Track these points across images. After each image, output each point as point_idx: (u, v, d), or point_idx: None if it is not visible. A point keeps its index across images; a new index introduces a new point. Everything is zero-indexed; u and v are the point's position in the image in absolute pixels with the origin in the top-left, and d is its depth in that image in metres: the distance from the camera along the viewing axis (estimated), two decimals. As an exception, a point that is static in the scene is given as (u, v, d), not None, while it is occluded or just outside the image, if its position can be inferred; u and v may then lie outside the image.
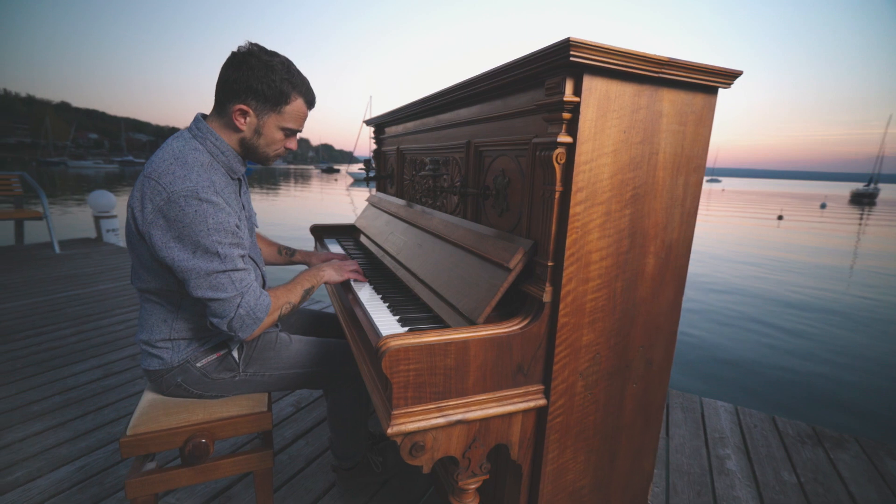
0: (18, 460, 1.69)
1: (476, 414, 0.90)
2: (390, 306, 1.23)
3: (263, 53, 1.05)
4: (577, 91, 0.83)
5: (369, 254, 1.88)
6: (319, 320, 1.63)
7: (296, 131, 1.16)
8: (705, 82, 0.92)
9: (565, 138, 0.85)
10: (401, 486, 1.63)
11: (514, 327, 0.92)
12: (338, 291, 1.52)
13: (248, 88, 1.04)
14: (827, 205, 34.71)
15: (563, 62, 0.79)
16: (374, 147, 2.30)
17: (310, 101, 1.15)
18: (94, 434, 1.86)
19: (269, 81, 1.04)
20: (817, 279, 8.11)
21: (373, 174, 2.27)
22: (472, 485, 0.98)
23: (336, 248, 1.96)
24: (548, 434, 1.00)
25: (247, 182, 1.30)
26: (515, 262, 0.95)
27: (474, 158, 1.25)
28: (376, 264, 1.70)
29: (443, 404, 0.88)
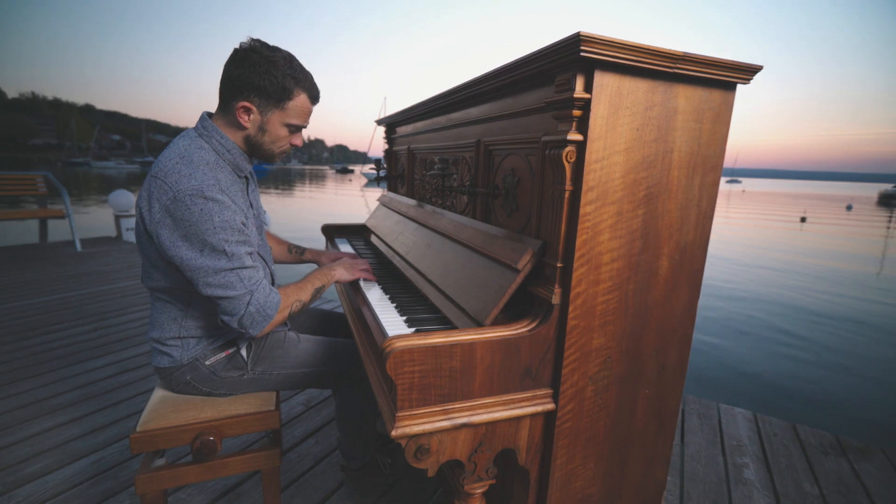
0: (37, 453, 1.73)
1: (482, 417, 0.89)
2: (398, 307, 1.22)
3: (265, 49, 1.04)
4: (588, 87, 0.81)
5: (379, 254, 1.87)
6: (328, 320, 1.63)
7: (300, 127, 1.15)
8: (723, 78, 0.88)
9: (575, 136, 0.83)
10: (409, 487, 1.62)
11: (522, 329, 0.90)
12: (347, 291, 1.52)
13: (251, 85, 1.03)
14: (853, 206, 33.57)
15: (574, 57, 0.77)
16: (386, 147, 2.29)
17: (313, 96, 1.14)
18: (108, 429, 1.90)
19: (270, 77, 1.03)
20: (842, 285, 7.79)
21: (383, 174, 2.27)
22: (478, 489, 0.97)
23: (347, 248, 1.96)
24: (556, 439, 0.98)
25: (255, 180, 1.30)
26: (524, 263, 0.93)
27: (484, 157, 1.24)
28: (386, 264, 1.70)
29: (448, 407, 0.86)
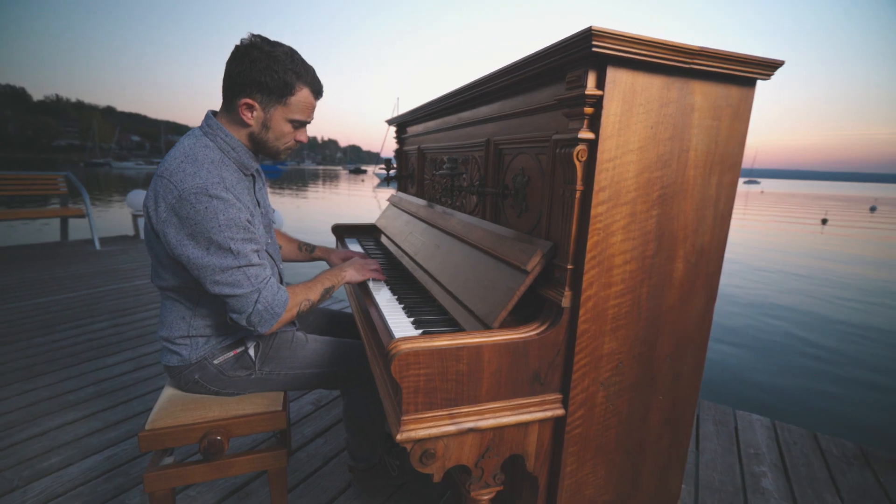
0: (54, 447, 1.76)
1: (489, 422, 0.87)
2: (406, 308, 1.21)
3: (266, 44, 1.03)
4: (601, 84, 0.78)
5: (389, 254, 1.86)
6: (337, 320, 1.63)
7: (304, 123, 1.14)
8: (742, 73, 0.85)
9: (587, 134, 0.80)
10: (417, 489, 1.61)
11: (530, 333, 0.88)
12: (355, 291, 1.51)
13: (252, 81, 1.02)
14: (877, 208, 32.54)
15: (585, 53, 0.74)
16: (396, 147, 2.29)
17: (316, 90, 1.13)
18: (122, 425, 1.92)
19: (272, 73, 1.02)
20: (866, 292, 7.44)
21: (392, 174, 2.26)
22: (485, 496, 0.95)
23: (356, 248, 1.96)
24: (566, 446, 0.95)
25: (263, 179, 1.30)
26: (533, 265, 0.91)
27: (494, 157, 1.22)
28: (395, 265, 1.69)
29: (454, 411, 0.85)
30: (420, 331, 1.05)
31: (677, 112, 0.85)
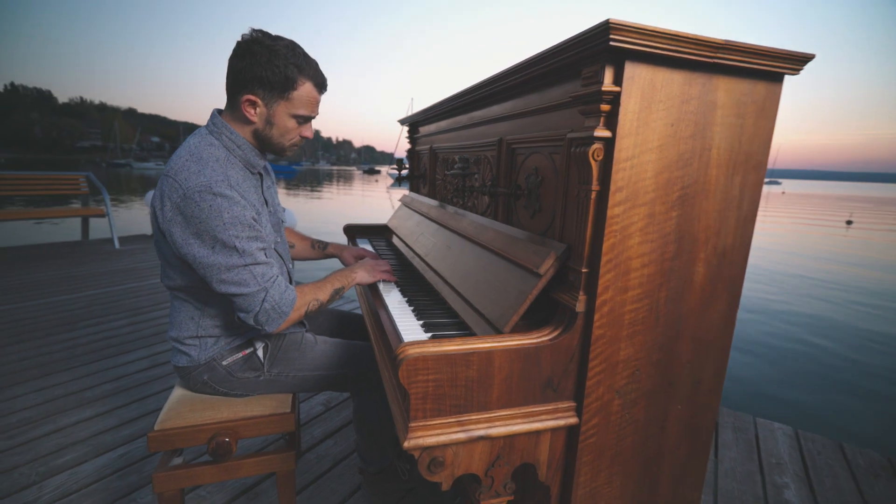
0: (69, 444, 1.78)
1: (500, 430, 0.84)
2: (415, 310, 1.19)
3: (267, 39, 1.02)
4: (618, 80, 0.75)
5: (400, 255, 1.85)
6: (347, 321, 1.62)
7: (309, 118, 1.12)
8: (769, 68, 0.81)
9: (603, 132, 0.77)
10: (427, 494, 1.58)
11: (543, 338, 0.85)
12: (365, 292, 1.50)
13: (254, 77, 1.01)
14: None
15: (603, 47, 0.71)
16: (409, 147, 2.27)
17: (319, 84, 1.10)
18: (136, 423, 1.94)
19: (273, 67, 1.00)
20: (890, 298, 7.21)
21: (404, 174, 2.24)
22: (495, 505, 0.92)
23: (367, 249, 1.95)
24: (579, 455, 0.92)
25: (272, 177, 1.29)
26: (546, 268, 0.88)
27: (506, 156, 1.19)
28: (406, 266, 1.67)
29: (464, 418, 0.82)
30: (429, 334, 1.02)
31: (699, 109, 0.81)
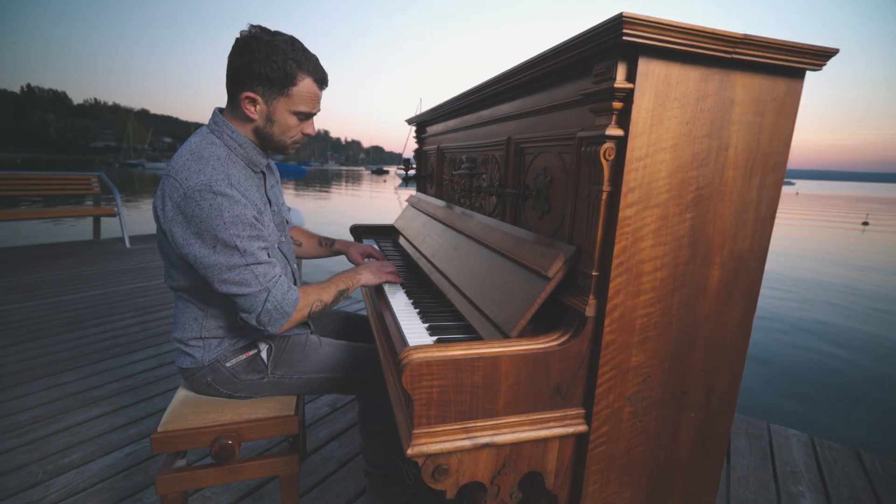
0: (76, 443, 1.79)
1: (506, 437, 0.82)
2: (421, 313, 1.17)
3: (265, 34, 1.00)
4: (631, 76, 0.72)
5: (406, 256, 1.83)
6: (352, 323, 1.60)
7: (310, 114, 1.10)
8: (790, 63, 0.77)
9: (615, 131, 0.74)
10: (432, 499, 1.56)
11: (551, 343, 0.82)
12: (371, 294, 1.48)
13: (253, 74, 0.99)
14: None
15: (615, 42, 0.68)
16: (416, 147, 2.25)
17: (319, 79, 1.08)
18: (143, 422, 1.95)
19: (271, 63, 0.99)
20: None
21: (411, 174, 2.23)
22: (501, 514, 0.89)
23: (373, 246, 1.93)
24: (588, 464, 0.89)
25: (276, 176, 1.28)
26: (555, 271, 0.85)
27: (514, 156, 1.16)
28: (412, 267, 1.65)
29: (469, 425, 0.80)
30: (435, 338, 1.00)
31: (716, 107, 0.78)
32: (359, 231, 2.25)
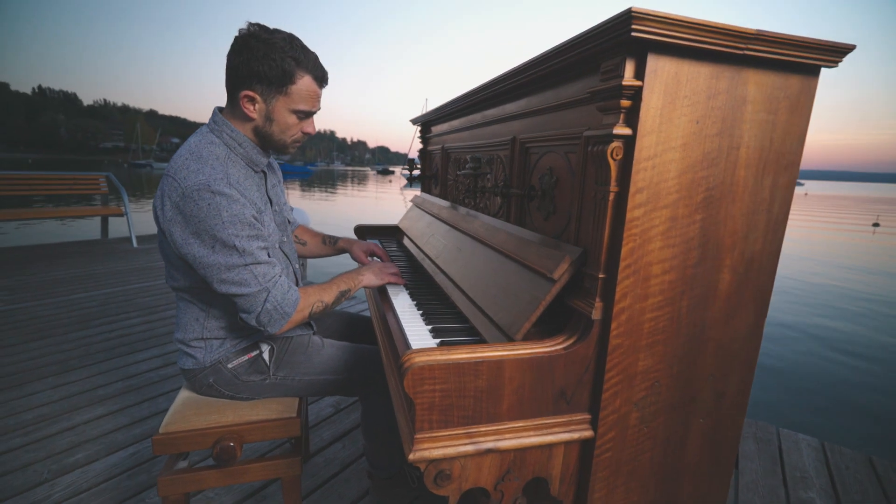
0: (81, 442, 1.79)
1: (510, 443, 0.80)
2: (424, 314, 1.15)
3: (264, 32, 0.99)
4: (640, 74, 0.70)
5: (410, 256, 1.82)
6: (355, 324, 1.59)
7: (310, 113, 1.09)
8: (804, 60, 0.75)
9: (623, 130, 0.72)
10: (436, 502, 1.55)
11: (556, 347, 0.80)
12: (374, 295, 1.47)
13: (251, 72, 0.98)
14: None
15: (624, 39, 0.67)
16: (421, 146, 2.24)
17: (318, 77, 1.06)
18: (147, 422, 1.95)
19: (269, 61, 0.98)
20: None
21: (415, 174, 2.22)
22: (504, 521, 0.88)
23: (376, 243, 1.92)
24: (594, 470, 0.87)
25: (278, 175, 1.27)
26: (560, 273, 0.84)
27: (519, 156, 1.15)
28: (416, 268, 1.64)
29: (472, 430, 0.78)
30: (438, 340, 0.99)
31: (727, 104, 0.76)
32: (363, 231, 2.24)
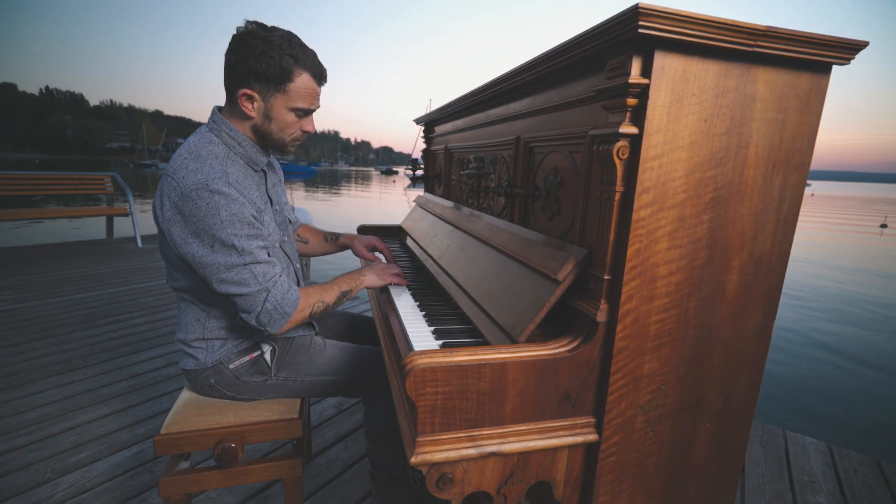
0: (84, 441, 1.80)
1: (514, 446, 0.79)
2: (427, 315, 1.14)
3: (262, 30, 0.99)
4: (647, 71, 0.69)
5: (413, 257, 1.81)
6: (358, 324, 1.58)
7: (308, 111, 1.08)
8: (815, 57, 0.73)
9: (629, 129, 0.71)
10: (439, 502, 1.54)
11: (561, 349, 0.79)
12: (377, 295, 1.46)
13: (249, 70, 0.98)
14: None
15: (630, 36, 0.65)
16: (424, 146, 2.23)
17: (317, 74, 1.05)
18: (150, 421, 1.95)
19: (267, 59, 0.97)
20: None
21: (419, 174, 2.21)
22: (508, 525, 0.86)
23: (378, 253, 1.91)
24: (599, 474, 0.86)
25: (279, 175, 1.26)
26: (565, 274, 0.82)
27: (523, 155, 1.13)
28: (419, 268, 1.63)
29: (475, 433, 0.77)
30: (440, 342, 0.98)
31: (736, 103, 0.75)
32: (366, 232, 2.23)
